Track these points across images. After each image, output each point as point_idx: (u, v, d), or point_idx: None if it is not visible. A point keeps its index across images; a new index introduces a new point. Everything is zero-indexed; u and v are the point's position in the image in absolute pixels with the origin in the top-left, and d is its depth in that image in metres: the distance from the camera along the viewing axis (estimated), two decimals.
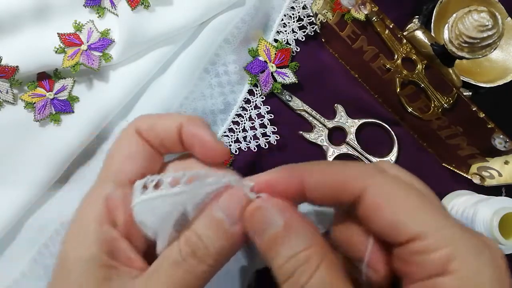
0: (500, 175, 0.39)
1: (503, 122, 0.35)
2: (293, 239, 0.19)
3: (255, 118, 0.42)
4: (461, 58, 0.36)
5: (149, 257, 0.21)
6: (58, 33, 0.39)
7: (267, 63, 0.42)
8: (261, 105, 0.42)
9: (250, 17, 0.41)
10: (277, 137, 0.41)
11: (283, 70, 0.42)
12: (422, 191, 0.20)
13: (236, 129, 0.42)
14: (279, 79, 0.42)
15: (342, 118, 0.43)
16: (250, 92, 0.42)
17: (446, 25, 0.36)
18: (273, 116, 0.42)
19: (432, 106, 0.39)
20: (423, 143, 0.44)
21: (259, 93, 0.42)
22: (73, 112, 0.39)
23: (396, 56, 0.38)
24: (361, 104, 0.44)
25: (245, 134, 0.41)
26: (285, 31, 0.43)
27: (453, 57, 0.37)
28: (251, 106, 0.42)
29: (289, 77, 0.42)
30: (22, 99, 0.38)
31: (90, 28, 0.40)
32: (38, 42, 0.38)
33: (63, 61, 0.38)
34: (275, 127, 0.41)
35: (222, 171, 0.22)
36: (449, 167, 0.43)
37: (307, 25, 0.43)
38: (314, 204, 0.22)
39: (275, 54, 0.42)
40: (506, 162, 0.39)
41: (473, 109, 0.35)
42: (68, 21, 0.40)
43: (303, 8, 0.44)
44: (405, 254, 0.19)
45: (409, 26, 0.42)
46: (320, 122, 0.42)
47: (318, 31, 0.44)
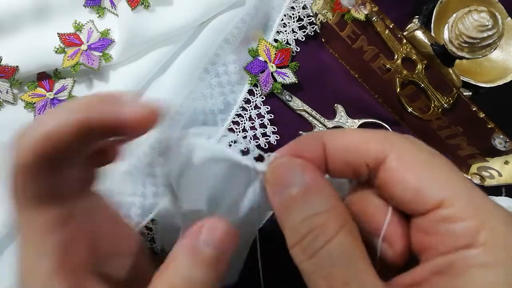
0: (500, 175, 0.39)
1: (503, 122, 0.35)
2: (312, 200, 0.18)
3: (255, 118, 0.42)
4: (461, 58, 0.36)
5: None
6: (58, 33, 0.39)
7: (267, 63, 0.42)
8: (261, 105, 0.42)
9: (250, 17, 0.41)
10: (277, 137, 0.41)
11: (283, 70, 0.42)
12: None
13: (236, 129, 0.42)
14: (279, 79, 0.42)
15: (342, 118, 0.43)
16: (250, 92, 0.42)
17: (446, 25, 0.36)
18: (273, 116, 0.42)
19: (432, 106, 0.39)
20: None
21: (259, 93, 0.42)
22: None
23: (396, 56, 0.38)
24: (361, 104, 0.44)
25: (245, 134, 0.41)
26: (285, 31, 0.43)
27: (453, 57, 0.37)
28: (251, 106, 0.42)
29: (289, 77, 0.42)
30: (22, 99, 0.38)
31: (90, 28, 0.40)
32: (38, 42, 0.38)
33: (63, 61, 0.38)
34: (275, 127, 0.41)
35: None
36: None
37: (307, 25, 0.43)
38: (334, 177, 0.21)
39: (275, 54, 0.42)
40: (506, 162, 0.39)
41: (473, 109, 0.35)
42: (68, 21, 0.40)
43: (303, 8, 0.44)
44: (428, 224, 0.17)
45: (409, 26, 0.42)
46: (320, 122, 0.42)
47: (318, 31, 0.44)
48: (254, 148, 0.21)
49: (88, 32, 0.39)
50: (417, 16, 0.43)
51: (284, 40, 0.43)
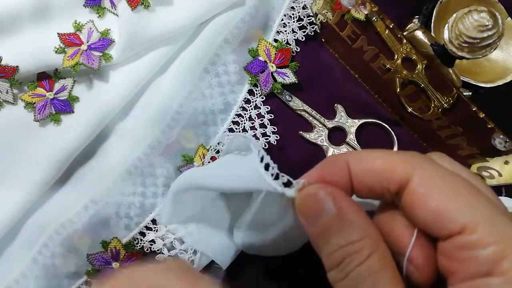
0: (500, 175, 0.39)
1: (503, 122, 0.35)
2: (346, 228, 0.18)
3: (255, 118, 0.42)
4: (461, 58, 0.36)
5: None
6: (58, 33, 0.39)
7: (267, 63, 0.42)
8: (261, 105, 0.42)
9: (250, 17, 0.41)
10: (277, 137, 0.41)
11: (283, 70, 0.42)
12: (476, 185, 0.19)
13: (236, 129, 0.42)
14: (279, 79, 0.42)
15: (342, 118, 0.43)
16: (250, 92, 0.42)
17: (446, 25, 0.36)
18: (273, 116, 0.42)
19: (432, 106, 0.39)
20: (423, 143, 0.44)
21: (259, 93, 0.42)
22: (73, 112, 0.39)
23: (396, 56, 0.38)
24: (361, 104, 0.44)
25: (245, 134, 0.41)
26: (285, 31, 0.43)
27: (453, 57, 0.37)
28: (251, 106, 0.42)
29: (289, 77, 0.42)
30: (22, 99, 0.38)
31: (90, 28, 0.40)
32: (38, 42, 0.38)
33: (63, 61, 0.38)
34: (275, 127, 0.41)
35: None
36: None
37: (307, 25, 0.43)
38: (360, 197, 0.21)
39: (275, 54, 0.42)
40: (506, 162, 0.39)
41: (473, 109, 0.35)
42: (68, 21, 0.40)
43: (303, 8, 0.44)
44: (451, 249, 0.17)
45: (409, 26, 0.42)
46: (320, 122, 0.42)
47: (318, 31, 0.44)
48: (284, 175, 0.21)
49: (88, 32, 0.39)
50: (417, 16, 0.43)
51: (284, 40, 0.43)
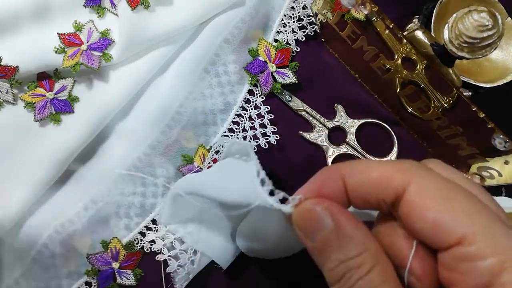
0: (500, 175, 0.39)
1: (503, 122, 0.35)
2: (345, 243, 0.18)
3: (255, 118, 0.42)
4: (461, 58, 0.36)
5: None
6: (58, 33, 0.39)
7: (267, 63, 0.42)
8: (261, 105, 0.42)
9: (250, 17, 0.41)
10: (277, 137, 0.41)
11: (283, 70, 0.42)
12: (473, 192, 0.18)
13: (236, 129, 0.42)
14: (279, 79, 0.42)
15: (342, 118, 0.43)
16: (250, 92, 0.42)
17: (446, 25, 0.36)
18: (273, 116, 0.42)
19: (432, 106, 0.39)
20: (423, 143, 0.44)
21: (259, 93, 0.42)
22: (73, 112, 0.39)
23: (396, 56, 0.38)
24: (361, 104, 0.44)
25: (245, 134, 0.41)
26: (285, 31, 0.43)
27: (453, 57, 0.37)
28: (251, 106, 0.42)
29: (289, 77, 0.42)
30: (22, 99, 0.38)
31: (90, 28, 0.40)
32: (38, 42, 0.38)
33: (63, 61, 0.38)
34: (275, 127, 0.41)
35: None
36: None
37: (307, 25, 0.43)
38: (358, 208, 0.21)
39: (275, 54, 0.42)
40: (506, 162, 0.39)
41: (473, 109, 0.35)
42: (68, 21, 0.40)
43: (303, 8, 0.44)
44: (450, 260, 0.17)
45: (409, 26, 0.42)
46: (320, 122, 0.42)
47: (318, 31, 0.44)
48: (279, 191, 0.21)
49: (88, 32, 0.39)
50: (417, 16, 0.43)
51: (284, 40, 0.43)
